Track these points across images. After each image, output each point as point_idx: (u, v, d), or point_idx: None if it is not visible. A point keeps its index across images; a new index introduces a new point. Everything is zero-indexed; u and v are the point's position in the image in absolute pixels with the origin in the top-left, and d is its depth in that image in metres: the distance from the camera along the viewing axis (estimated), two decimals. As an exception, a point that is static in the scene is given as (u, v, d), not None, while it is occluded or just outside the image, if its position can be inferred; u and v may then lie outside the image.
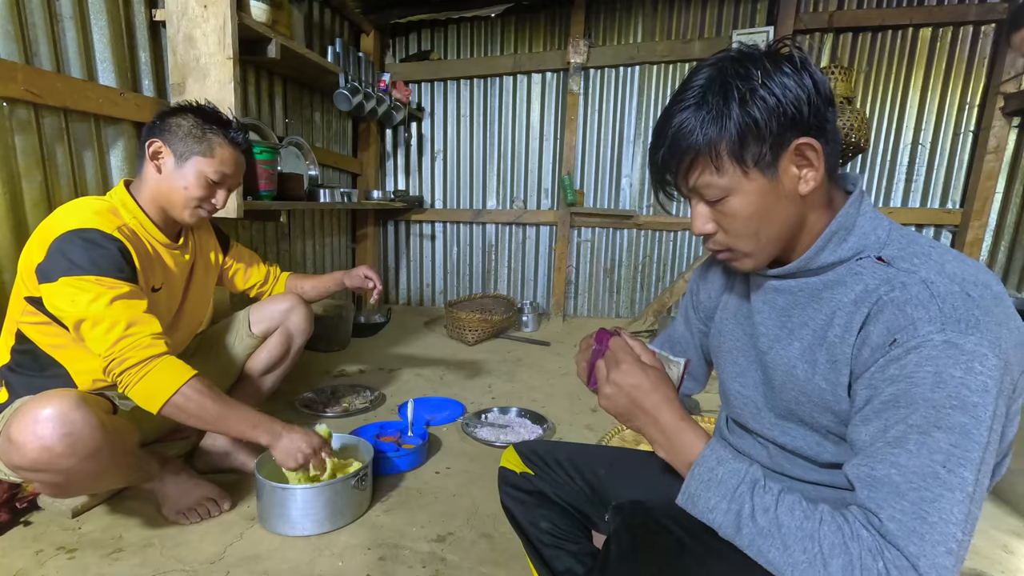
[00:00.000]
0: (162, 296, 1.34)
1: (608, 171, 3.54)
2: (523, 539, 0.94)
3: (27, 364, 1.22)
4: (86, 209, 1.18)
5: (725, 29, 3.22)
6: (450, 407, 2.08)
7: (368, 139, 3.66)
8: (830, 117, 0.61)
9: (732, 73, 0.59)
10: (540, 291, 3.81)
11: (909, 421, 0.52)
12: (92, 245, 1.13)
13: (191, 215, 1.32)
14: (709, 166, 0.62)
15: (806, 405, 0.66)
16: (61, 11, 1.71)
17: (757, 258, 0.67)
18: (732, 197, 0.63)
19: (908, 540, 0.50)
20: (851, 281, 0.63)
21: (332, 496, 1.28)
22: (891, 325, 0.55)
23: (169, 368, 1.12)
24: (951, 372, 0.51)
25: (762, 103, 0.58)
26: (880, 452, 0.54)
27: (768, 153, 0.60)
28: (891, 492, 0.52)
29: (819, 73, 0.60)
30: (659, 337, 1.00)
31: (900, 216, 3.08)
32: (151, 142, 1.27)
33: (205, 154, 1.28)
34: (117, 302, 1.11)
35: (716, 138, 0.60)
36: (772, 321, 0.71)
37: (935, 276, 0.56)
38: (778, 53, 0.61)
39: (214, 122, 1.31)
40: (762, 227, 0.64)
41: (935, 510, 0.50)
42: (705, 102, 0.60)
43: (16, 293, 1.21)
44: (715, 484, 0.59)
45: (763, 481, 0.59)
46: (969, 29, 2.89)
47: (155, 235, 1.31)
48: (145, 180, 1.30)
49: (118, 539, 1.25)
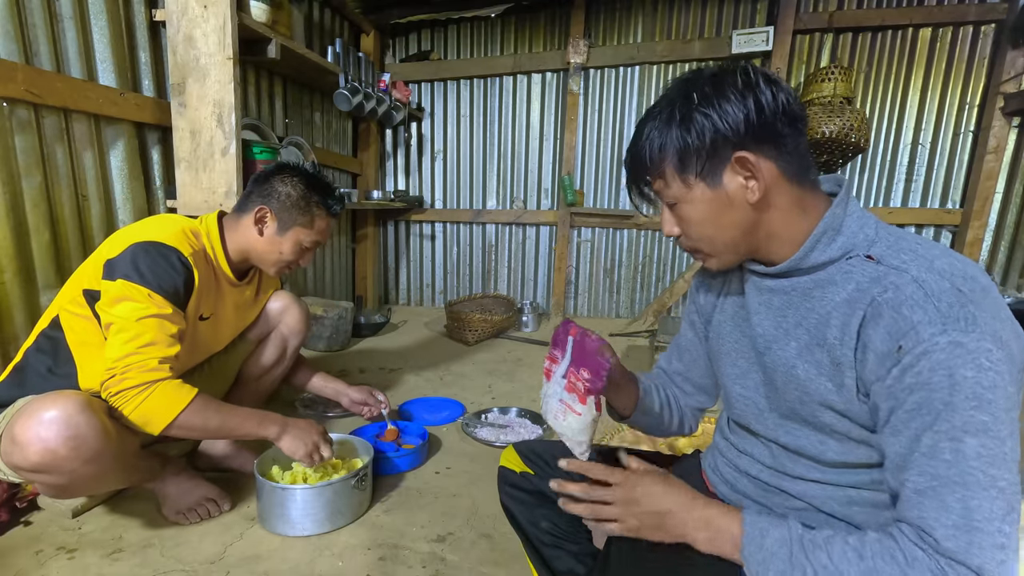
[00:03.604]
0: (207, 325, 1.37)
1: (608, 171, 3.54)
2: (523, 539, 0.94)
3: (47, 351, 1.22)
4: (174, 226, 1.25)
5: (725, 29, 3.22)
6: (450, 407, 2.08)
7: (368, 139, 3.67)
8: (785, 131, 0.64)
9: (679, 94, 0.66)
10: (540, 291, 3.81)
11: (936, 428, 0.54)
12: (163, 261, 1.18)
13: (276, 272, 1.43)
14: (658, 177, 0.69)
15: (809, 404, 0.66)
16: (61, 11, 1.71)
17: (720, 259, 0.72)
18: (682, 204, 0.69)
19: (968, 554, 0.52)
20: (842, 280, 0.64)
21: (332, 496, 1.28)
22: (892, 330, 0.56)
23: (168, 393, 1.12)
24: (963, 373, 0.52)
25: (698, 124, 0.64)
26: (918, 464, 0.55)
27: (707, 166, 0.65)
28: (938, 507, 0.53)
29: (770, 93, 0.63)
30: (669, 347, 0.99)
31: (900, 216, 3.09)
32: (260, 208, 1.35)
33: (306, 226, 1.39)
34: (151, 319, 1.13)
35: (661, 153, 0.67)
36: (769, 322, 0.72)
37: (925, 274, 0.57)
38: (727, 75, 0.65)
39: (318, 190, 1.40)
40: (715, 232, 0.69)
41: (982, 515, 0.52)
42: (660, 119, 0.67)
43: (74, 282, 1.23)
44: (770, 559, 0.60)
45: (807, 535, 0.60)
46: (969, 29, 2.89)
47: (225, 271, 1.38)
48: (241, 230, 1.37)
49: (118, 539, 1.25)
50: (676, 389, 0.96)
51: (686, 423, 0.96)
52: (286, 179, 1.38)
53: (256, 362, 1.63)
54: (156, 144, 2.09)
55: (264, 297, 1.61)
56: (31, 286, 1.67)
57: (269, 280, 1.62)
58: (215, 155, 1.96)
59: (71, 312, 1.21)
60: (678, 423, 0.95)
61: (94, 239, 1.85)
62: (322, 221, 1.42)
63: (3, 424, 1.07)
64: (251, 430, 1.23)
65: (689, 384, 0.95)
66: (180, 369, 1.26)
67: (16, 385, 1.19)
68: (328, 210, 1.42)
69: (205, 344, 1.42)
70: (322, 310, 2.71)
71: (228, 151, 1.95)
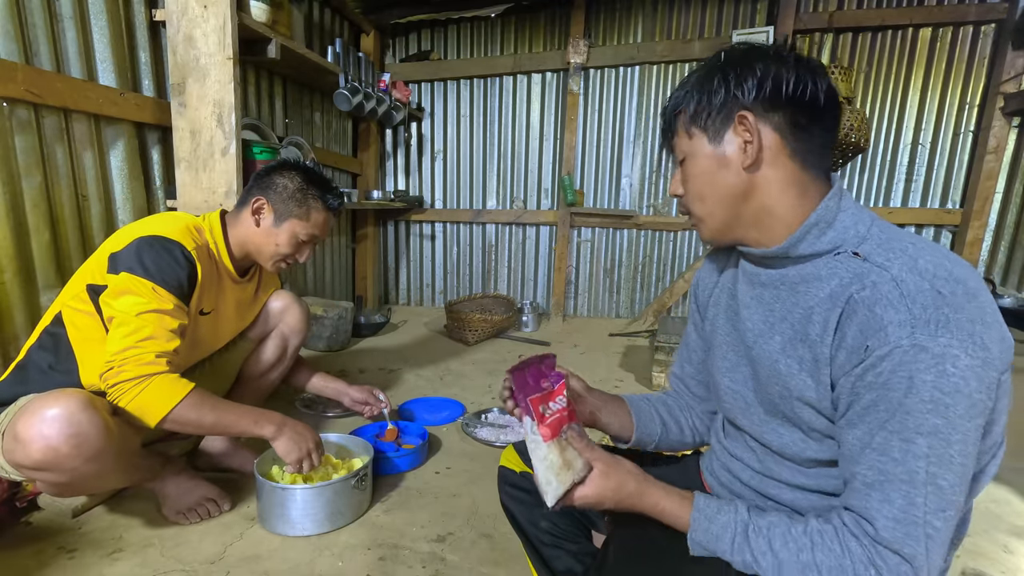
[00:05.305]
0: (207, 321, 1.37)
1: (608, 171, 3.54)
2: (523, 539, 0.94)
3: (49, 348, 1.23)
4: (179, 222, 1.27)
5: (725, 29, 3.22)
6: (450, 407, 2.08)
7: (368, 139, 3.67)
8: (802, 113, 0.65)
9: (714, 59, 0.70)
10: (540, 291, 3.82)
11: (889, 427, 0.56)
12: (167, 255, 1.19)
13: (273, 267, 1.43)
14: (675, 133, 0.73)
15: (788, 400, 0.67)
16: (61, 11, 1.71)
17: (709, 224, 0.73)
18: (688, 159, 0.72)
19: (902, 544, 0.55)
20: (827, 275, 0.64)
21: (332, 496, 1.28)
22: (864, 327, 0.57)
23: (164, 386, 1.12)
24: (923, 377, 0.54)
25: (716, 81, 0.67)
26: (868, 459, 0.58)
27: (715, 121, 0.68)
28: (882, 500, 0.57)
29: (796, 74, 0.64)
30: (679, 352, 0.98)
31: (900, 216, 3.09)
32: (256, 199, 1.37)
33: (302, 217, 1.39)
34: (152, 314, 1.14)
35: (681, 107, 0.71)
36: (758, 316, 0.72)
37: (906, 273, 0.57)
38: (765, 47, 0.68)
39: (316, 184, 1.41)
40: (707, 190, 0.71)
41: (920, 510, 0.55)
42: (692, 78, 0.71)
43: (78, 278, 1.23)
44: (714, 541, 0.65)
45: (753, 523, 0.64)
46: (969, 29, 2.90)
47: (227, 267, 1.39)
48: (240, 224, 1.39)
49: (118, 539, 1.25)
50: (690, 396, 0.96)
51: (698, 435, 0.95)
52: (285, 173, 1.40)
53: (256, 361, 1.63)
54: (156, 144, 2.09)
55: (264, 296, 1.61)
56: (31, 286, 1.68)
57: (269, 279, 1.62)
58: (215, 155, 1.96)
59: (73, 308, 1.21)
60: (691, 435, 0.94)
61: (94, 239, 1.85)
62: (319, 215, 1.42)
63: (5, 422, 1.08)
64: (247, 428, 1.23)
65: (702, 387, 0.94)
66: (181, 366, 1.26)
67: (18, 382, 1.19)
68: (325, 203, 1.42)
69: (205, 340, 1.42)
70: (322, 310, 2.71)
71: (228, 151, 1.95)
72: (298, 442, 1.27)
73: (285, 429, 1.27)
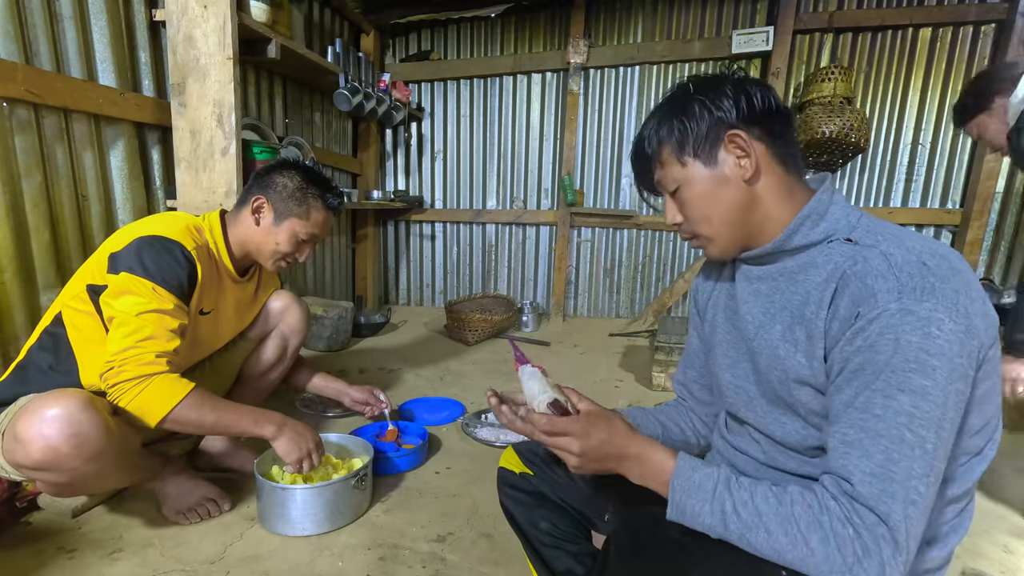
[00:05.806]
0: (208, 320, 1.37)
1: (608, 171, 3.54)
2: (522, 539, 0.94)
3: (49, 348, 1.23)
4: (179, 222, 1.27)
5: (725, 29, 3.22)
6: (450, 407, 2.08)
7: (368, 139, 3.67)
8: (774, 121, 0.70)
9: (677, 91, 0.74)
10: (540, 291, 3.82)
11: (874, 387, 0.57)
12: (167, 255, 1.19)
13: (273, 266, 1.43)
14: (660, 165, 0.75)
15: (786, 383, 0.68)
16: (61, 11, 1.71)
17: (718, 243, 0.75)
18: (682, 187, 0.73)
19: (879, 501, 0.55)
20: (823, 262, 0.67)
21: (332, 496, 1.28)
22: (855, 297, 0.60)
23: (164, 386, 1.12)
24: (908, 338, 0.55)
25: (694, 109, 0.70)
26: (850, 418, 0.59)
27: (703, 146, 0.70)
28: (861, 455, 0.57)
29: (760, 92, 0.69)
30: (682, 357, 0.99)
31: (900, 216, 3.09)
32: (256, 198, 1.37)
33: (302, 216, 1.39)
34: (152, 314, 1.14)
35: (661, 141, 0.73)
36: (757, 309, 0.74)
37: (894, 249, 0.61)
38: (720, 77, 0.73)
39: (316, 183, 1.41)
40: (713, 211, 0.72)
41: (900, 469, 0.55)
42: (660, 112, 0.74)
43: (78, 279, 1.23)
44: (695, 490, 0.65)
45: (735, 477, 0.65)
46: (969, 29, 2.89)
47: (227, 267, 1.39)
48: (240, 223, 1.39)
49: (118, 539, 1.25)
50: (694, 401, 0.97)
51: (700, 436, 0.96)
52: (285, 172, 1.40)
53: (257, 361, 1.63)
54: (156, 144, 2.09)
55: (264, 296, 1.61)
56: (31, 286, 1.68)
57: (269, 279, 1.62)
58: (215, 155, 1.96)
59: (73, 308, 1.21)
60: (693, 436, 0.95)
61: (94, 239, 1.85)
62: (319, 214, 1.41)
63: (5, 422, 1.08)
64: (247, 427, 1.23)
65: (706, 391, 0.95)
66: (181, 366, 1.26)
67: (18, 383, 1.19)
68: (325, 202, 1.42)
69: (205, 340, 1.42)
70: (322, 310, 2.71)
71: (228, 151, 1.95)
72: (298, 442, 1.27)
73: (285, 429, 1.27)
